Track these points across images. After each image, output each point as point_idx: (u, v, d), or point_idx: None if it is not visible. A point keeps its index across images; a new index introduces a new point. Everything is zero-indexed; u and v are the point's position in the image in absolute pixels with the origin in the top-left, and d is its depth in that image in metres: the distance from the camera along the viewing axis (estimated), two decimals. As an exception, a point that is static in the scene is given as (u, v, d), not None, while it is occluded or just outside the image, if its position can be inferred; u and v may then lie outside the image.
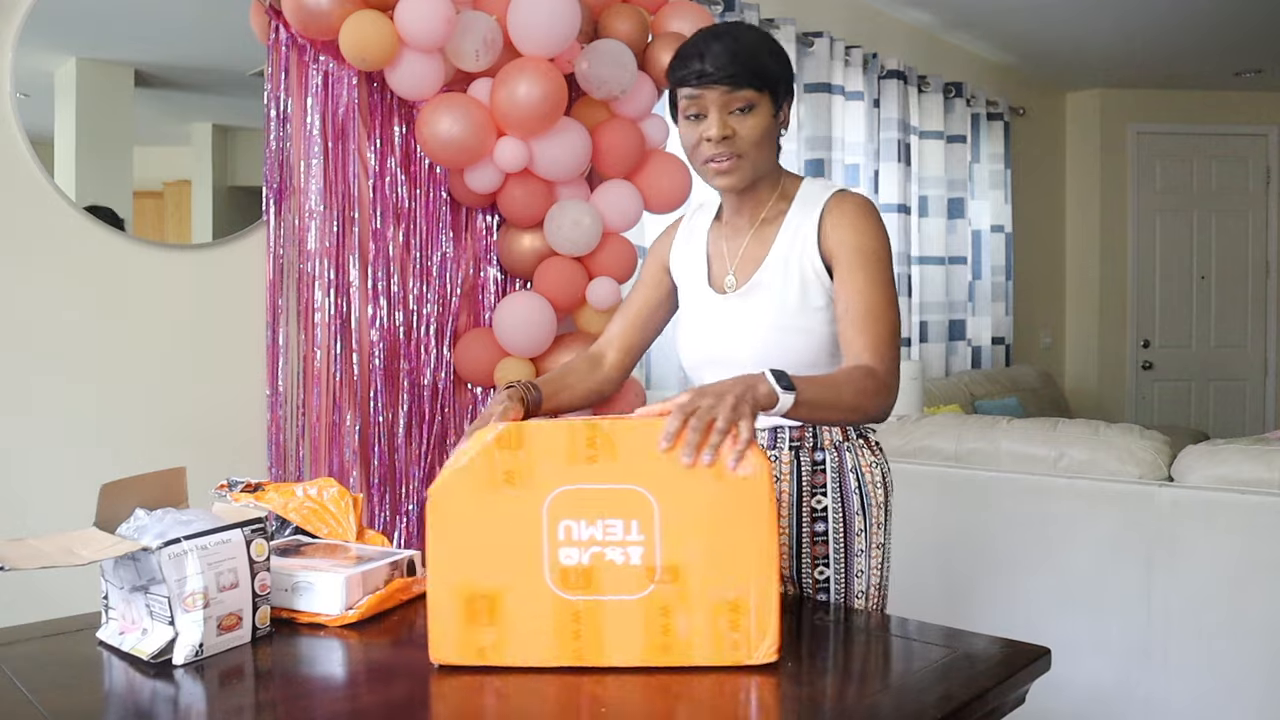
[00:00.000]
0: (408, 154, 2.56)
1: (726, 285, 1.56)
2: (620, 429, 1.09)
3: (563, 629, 1.09)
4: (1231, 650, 2.38)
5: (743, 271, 1.55)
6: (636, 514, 1.09)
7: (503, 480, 1.10)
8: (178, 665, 1.11)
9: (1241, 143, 6.12)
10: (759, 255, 1.54)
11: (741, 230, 1.57)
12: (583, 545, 1.09)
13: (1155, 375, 6.16)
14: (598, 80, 2.50)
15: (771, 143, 1.50)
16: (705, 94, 1.44)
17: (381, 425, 2.54)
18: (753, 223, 1.56)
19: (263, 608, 1.20)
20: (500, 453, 1.10)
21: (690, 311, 1.62)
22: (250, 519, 1.20)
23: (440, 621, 1.11)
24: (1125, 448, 2.54)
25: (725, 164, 1.46)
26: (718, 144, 1.44)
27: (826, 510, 1.52)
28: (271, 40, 2.38)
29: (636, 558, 1.09)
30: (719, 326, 1.55)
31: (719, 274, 1.59)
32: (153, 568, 1.12)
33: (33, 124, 2.12)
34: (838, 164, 3.99)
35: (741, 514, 1.08)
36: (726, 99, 1.43)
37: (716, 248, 1.61)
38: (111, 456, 2.20)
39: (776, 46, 1.50)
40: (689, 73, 1.44)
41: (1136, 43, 5.14)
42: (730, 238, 1.59)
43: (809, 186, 1.56)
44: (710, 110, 1.44)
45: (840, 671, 1.20)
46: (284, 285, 2.45)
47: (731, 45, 1.44)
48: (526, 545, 1.10)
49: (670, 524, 1.08)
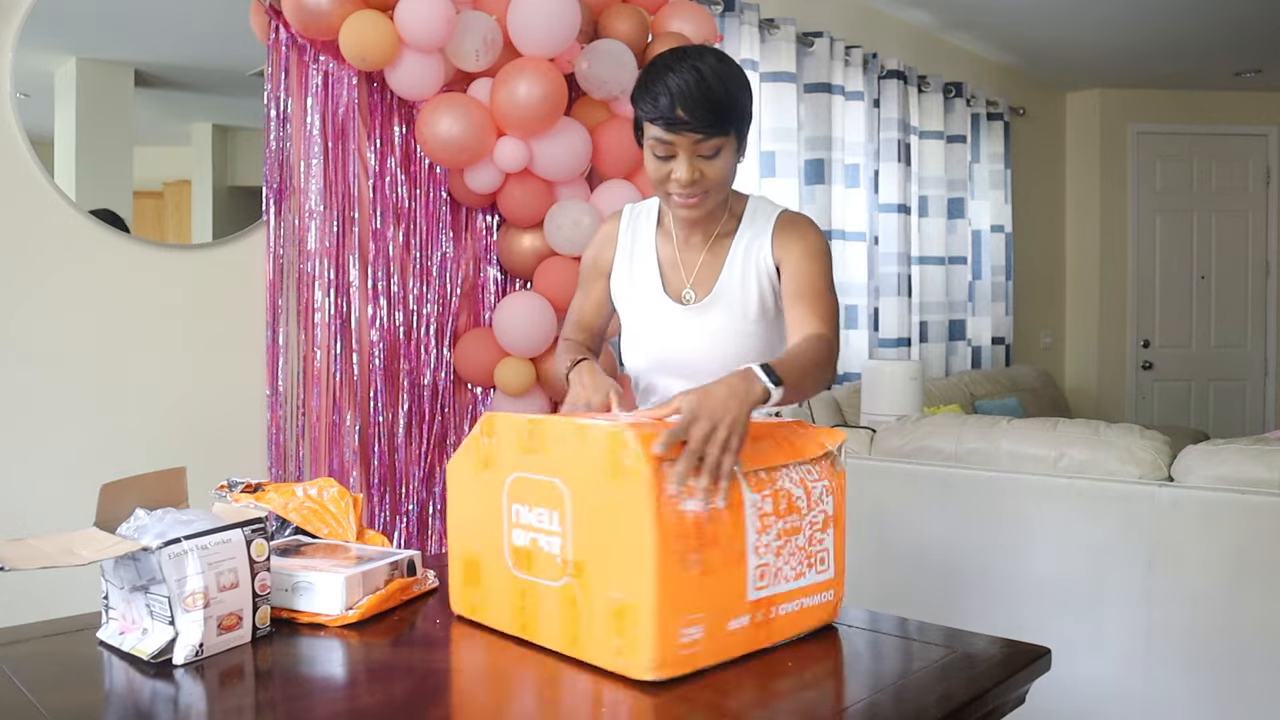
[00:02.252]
0: (408, 154, 2.57)
1: (685, 297, 1.64)
2: (551, 424, 1.16)
3: (514, 603, 1.19)
4: (1231, 650, 2.38)
5: (701, 284, 1.64)
6: (557, 505, 1.13)
7: (481, 463, 1.23)
8: (178, 665, 1.11)
9: (1241, 143, 6.12)
10: (715, 269, 1.63)
11: (695, 245, 1.65)
12: (525, 528, 1.17)
13: (1155, 375, 6.16)
14: (598, 80, 2.50)
15: (732, 175, 1.55)
16: (676, 140, 1.46)
17: (381, 425, 2.54)
18: (706, 239, 1.64)
19: (263, 608, 1.20)
20: (481, 438, 1.23)
21: (642, 319, 1.68)
22: (250, 519, 1.20)
23: (454, 577, 1.29)
24: (1125, 448, 2.54)
25: (692, 200, 1.52)
26: (686, 186, 1.49)
27: None
28: (271, 40, 2.38)
29: (555, 547, 1.13)
30: (676, 335, 1.64)
31: (675, 285, 1.65)
32: (153, 568, 1.12)
33: (33, 124, 2.12)
34: (838, 164, 3.99)
35: (628, 514, 1.05)
36: (697, 146, 1.46)
37: (669, 258, 1.67)
38: (111, 456, 2.20)
39: (741, 76, 1.51)
40: (659, 116, 1.45)
41: (1136, 43, 5.14)
42: (683, 250, 1.66)
43: (755, 204, 1.65)
44: (679, 154, 1.47)
45: (840, 671, 1.20)
46: (284, 285, 2.45)
47: (705, 91, 1.43)
48: (494, 522, 1.21)
49: (579, 519, 1.11)
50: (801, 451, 1.20)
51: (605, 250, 1.73)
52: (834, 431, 1.25)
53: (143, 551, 1.12)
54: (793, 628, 1.18)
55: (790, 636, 1.18)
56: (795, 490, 1.17)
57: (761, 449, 1.17)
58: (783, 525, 1.15)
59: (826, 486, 1.21)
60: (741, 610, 1.11)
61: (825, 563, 1.21)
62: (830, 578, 1.22)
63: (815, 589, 1.19)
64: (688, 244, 1.66)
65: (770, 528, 1.13)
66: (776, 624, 1.15)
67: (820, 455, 1.21)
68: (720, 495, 1.08)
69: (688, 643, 1.06)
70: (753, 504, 1.12)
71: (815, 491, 1.19)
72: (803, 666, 1.14)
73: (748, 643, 1.12)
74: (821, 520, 1.19)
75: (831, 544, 1.21)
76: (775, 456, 1.17)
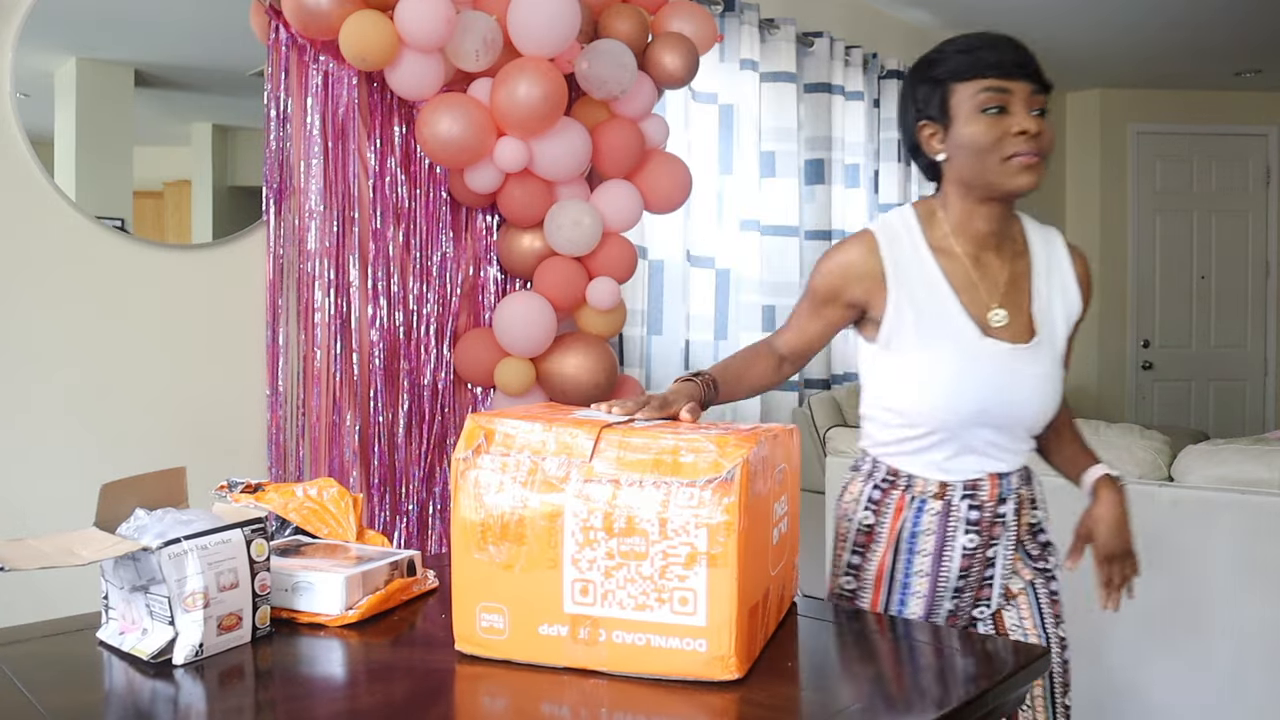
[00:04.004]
0: (408, 154, 2.57)
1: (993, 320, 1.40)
2: None
3: None
4: (1231, 650, 2.38)
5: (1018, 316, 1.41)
6: None
7: None
8: (178, 665, 1.11)
9: (1241, 142, 6.12)
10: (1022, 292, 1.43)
11: (991, 261, 1.43)
12: None
13: (1155, 375, 6.16)
14: (598, 80, 2.50)
15: None
16: (1014, 87, 1.35)
17: (381, 425, 2.54)
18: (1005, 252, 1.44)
19: (263, 608, 1.20)
20: None
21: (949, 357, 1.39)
22: (250, 519, 1.20)
23: None
24: (1125, 448, 2.54)
25: (1036, 159, 1.35)
26: (1029, 139, 1.34)
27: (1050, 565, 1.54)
28: (271, 40, 2.38)
29: None
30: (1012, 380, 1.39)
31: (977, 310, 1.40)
32: (153, 568, 1.12)
33: (33, 124, 2.12)
34: (838, 164, 3.99)
35: None
36: (1031, 98, 1.36)
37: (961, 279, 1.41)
38: (111, 457, 2.20)
39: None
40: (995, 62, 1.35)
41: (1137, 43, 5.14)
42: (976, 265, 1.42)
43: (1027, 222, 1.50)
44: (1016, 105, 1.35)
45: (840, 671, 1.20)
46: (284, 285, 2.45)
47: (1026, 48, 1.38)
48: None
49: None
50: (681, 469, 1.02)
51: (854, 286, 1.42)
52: (743, 448, 1.03)
53: (143, 551, 1.12)
54: (637, 663, 1.04)
55: (637, 673, 1.04)
56: (643, 511, 1.02)
57: (624, 458, 1.05)
58: (616, 545, 1.03)
59: (698, 516, 1.00)
60: (557, 619, 1.06)
61: (689, 605, 1.01)
62: (697, 625, 1.01)
63: (670, 630, 1.02)
64: (979, 258, 1.42)
65: (597, 543, 1.03)
66: (614, 651, 1.04)
67: (707, 480, 1.01)
68: None
69: (487, 628, 1.09)
70: (574, 513, 1.04)
71: (677, 519, 1.01)
72: (801, 666, 1.14)
73: (569, 655, 1.06)
74: (685, 555, 1.01)
75: (702, 585, 1.00)
76: (634, 468, 1.04)
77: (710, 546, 1.00)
